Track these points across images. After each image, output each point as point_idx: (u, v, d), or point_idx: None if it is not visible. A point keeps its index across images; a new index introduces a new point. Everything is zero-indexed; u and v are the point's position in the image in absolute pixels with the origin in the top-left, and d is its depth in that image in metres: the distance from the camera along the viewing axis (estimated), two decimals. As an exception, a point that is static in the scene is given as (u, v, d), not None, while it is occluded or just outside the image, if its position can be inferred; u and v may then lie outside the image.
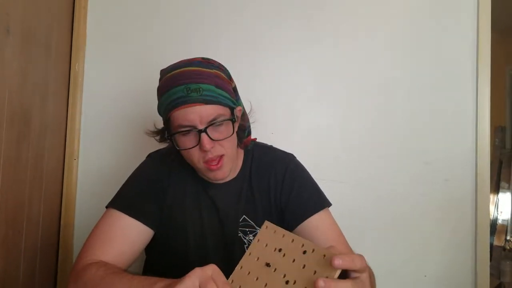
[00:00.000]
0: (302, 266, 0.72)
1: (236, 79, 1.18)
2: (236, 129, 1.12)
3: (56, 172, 1.74)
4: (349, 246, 1.12)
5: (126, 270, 1.00)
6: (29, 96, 1.45)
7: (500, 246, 3.13)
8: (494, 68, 1.84)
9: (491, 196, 3.26)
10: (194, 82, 1.02)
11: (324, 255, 0.71)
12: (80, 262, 1.01)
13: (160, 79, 1.10)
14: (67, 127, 1.80)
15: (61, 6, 1.72)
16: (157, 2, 1.87)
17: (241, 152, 1.24)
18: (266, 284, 0.75)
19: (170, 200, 1.18)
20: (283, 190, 1.19)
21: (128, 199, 1.13)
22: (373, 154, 1.83)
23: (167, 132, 1.10)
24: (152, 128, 1.17)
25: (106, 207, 1.13)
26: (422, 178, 1.82)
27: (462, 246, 1.81)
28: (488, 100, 1.82)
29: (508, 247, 3.11)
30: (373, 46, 1.84)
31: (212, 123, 1.03)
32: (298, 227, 1.14)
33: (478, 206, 1.81)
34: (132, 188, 1.17)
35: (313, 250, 0.73)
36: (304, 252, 0.74)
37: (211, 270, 0.73)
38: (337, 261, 0.67)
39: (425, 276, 1.80)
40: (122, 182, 1.20)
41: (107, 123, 1.84)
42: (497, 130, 3.50)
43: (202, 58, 1.09)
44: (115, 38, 1.86)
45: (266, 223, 0.84)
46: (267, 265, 0.76)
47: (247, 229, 1.17)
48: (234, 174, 1.21)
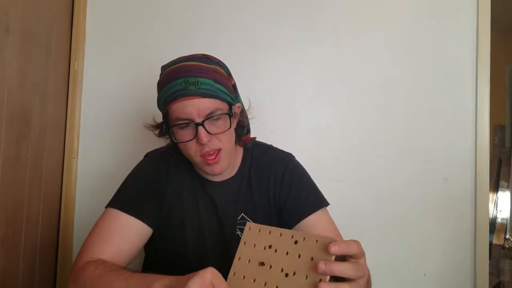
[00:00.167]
0: (297, 256, 0.72)
1: (236, 79, 1.18)
2: (234, 124, 1.13)
3: (56, 171, 1.74)
4: None
5: (125, 268, 1.00)
6: (29, 95, 1.45)
7: (500, 245, 3.13)
8: (493, 67, 1.84)
9: (491, 195, 3.26)
10: (192, 76, 1.03)
11: (316, 241, 0.71)
12: (79, 261, 1.01)
13: (160, 74, 1.11)
14: (67, 126, 1.80)
15: (60, 6, 1.72)
16: (157, 2, 1.87)
17: (240, 150, 1.25)
18: (265, 283, 0.75)
19: (169, 199, 1.18)
20: (282, 190, 1.20)
21: (127, 198, 1.14)
22: (373, 154, 1.83)
23: (165, 125, 1.11)
24: (151, 124, 1.18)
25: (106, 207, 1.13)
26: (422, 177, 1.82)
27: (462, 244, 1.81)
28: (488, 99, 1.82)
29: (507, 246, 3.11)
30: (373, 46, 1.84)
31: (209, 116, 1.04)
32: (296, 226, 1.15)
33: (478, 205, 1.81)
34: (131, 188, 1.17)
35: (304, 238, 0.73)
36: (295, 242, 0.74)
37: (210, 274, 0.72)
38: (333, 248, 0.68)
39: (424, 274, 1.81)
40: (122, 181, 1.21)
41: (107, 122, 1.84)
42: (497, 128, 3.50)
43: (202, 54, 1.10)
44: (115, 37, 1.86)
45: (249, 225, 0.84)
46: (261, 264, 0.76)
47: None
48: (233, 172, 1.22)
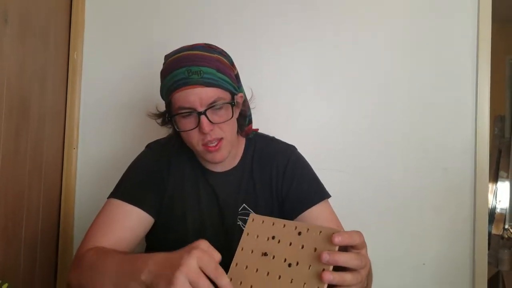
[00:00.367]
0: (300, 247, 0.72)
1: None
2: (236, 114, 1.13)
3: (55, 162, 1.73)
4: None
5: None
6: (28, 86, 1.44)
7: (498, 235, 3.15)
8: (494, 57, 1.83)
9: (490, 185, 3.27)
10: (195, 65, 1.03)
11: (320, 232, 0.71)
12: (81, 250, 1.03)
13: (163, 63, 1.12)
14: (66, 117, 1.79)
15: (58, -5, 1.70)
16: (156, -10, 1.85)
17: (242, 140, 1.25)
18: (268, 273, 0.75)
19: (171, 189, 1.19)
20: (284, 182, 1.20)
21: (128, 188, 1.14)
22: (373, 144, 1.83)
23: (168, 114, 1.11)
24: (154, 113, 1.19)
25: (107, 198, 1.14)
26: (421, 167, 1.83)
27: (461, 234, 1.82)
28: (488, 89, 1.82)
29: (506, 236, 3.13)
30: (374, 39, 1.84)
31: (211, 105, 1.04)
32: (298, 217, 1.15)
33: (477, 195, 1.82)
34: (132, 178, 1.18)
35: (307, 229, 0.73)
36: (299, 234, 0.74)
37: (196, 260, 0.71)
38: (337, 238, 0.68)
39: (423, 264, 1.81)
40: (122, 171, 1.21)
41: (107, 113, 1.83)
42: (497, 119, 3.51)
43: (205, 44, 1.10)
44: (114, 26, 1.85)
45: (252, 216, 0.84)
46: (264, 254, 0.76)
47: (246, 218, 1.17)
48: (234, 162, 1.22)
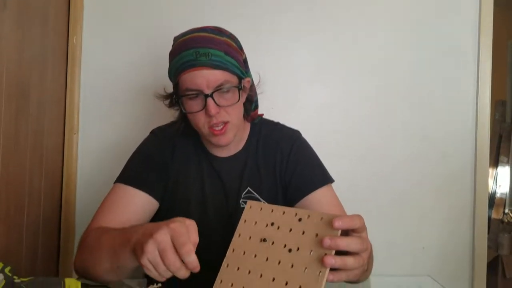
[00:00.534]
0: (301, 233, 0.73)
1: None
2: (243, 99, 1.14)
3: (56, 147, 1.73)
4: None
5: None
6: (27, 71, 1.43)
7: (498, 219, 3.16)
8: (495, 42, 1.83)
9: (490, 170, 3.27)
10: (203, 47, 1.03)
11: (321, 218, 0.71)
12: (86, 231, 1.05)
13: (172, 45, 1.12)
14: (66, 101, 1.78)
15: (57, -21, 1.68)
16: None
17: (247, 125, 1.25)
18: (267, 259, 0.75)
19: (175, 174, 1.19)
20: (288, 166, 1.20)
21: (133, 173, 1.16)
22: (373, 129, 1.83)
23: (175, 95, 1.12)
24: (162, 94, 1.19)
25: (114, 184, 1.15)
26: (422, 152, 1.83)
27: (461, 219, 1.83)
28: (489, 74, 1.82)
29: (506, 220, 3.14)
30: (374, 23, 1.84)
31: (218, 88, 1.05)
32: (300, 201, 1.16)
33: (477, 180, 1.83)
34: (137, 164, 1.19)
35: (308, 216, 0.74)
36: (299, 220, 0.74)
37: (169, 234, 0.72)
38: (337, 223, 0.68)
39: (423, 248, 1.83)
40: (124, 156, 1.21)
41: (107, 97, 1.82)
42: (498, 104, 3.49)
43: (214, 27, 1.10)
44: (114, 10, 1.83)
45: (250, 203, 0.84)
46: (263, 240, 0.76)
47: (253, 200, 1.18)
48: (239, 147, 1.23)
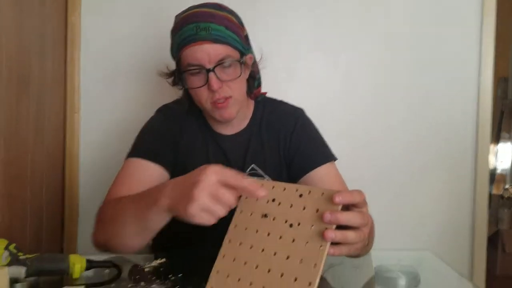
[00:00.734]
0: (302, 208, 0.73)
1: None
2: (245, 74, 1.14)
3: (58, 127, 1.73)
4: None
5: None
6: (26, 50, 1.42)
7: (499, 195, 3.19)
8: (499, 18, 1.81)
9: (492, 146, 3.28)
10: (204, 21, 1.04)
11: (322, 193, 0.72)
12: (102, 206, 1.05)
13: (174, 23, 1.12)
14: (67, 80, 1.77)
15: (54, -45, 1.66)
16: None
17: (251, 103, 1.26)
18: (268, 234, 0.76)
19: (183, 151, 1.20)
20: (291, 143, 1.21)
21: (144, 146, 1.17)
22: (374, 106, 1.83)
23: (178, 72, 1.12)
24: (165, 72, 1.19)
25: (125, 160, 1.16)
26: (423, 129, 1.83)
27: (462, 194, 1.84)
28: (492, 50, 1.81)
29: (506, 196, 3.16)
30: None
31: (220, 63, 1.05)
32: (303, 178, 1.17)
33: (478, 156, 1.83)
34: (147, 138, 1.19)
35: (309, 191, 0.74)
36: (300, 196, 0.75)
37: (215, 175, 0.72)
38: (338, 198, 0.69)
39: (423, 223, 1.84)
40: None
41: (108, 75, 1.81)
42: (500, 81, 3.48)
43: (214, 3, 1.10)
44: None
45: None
46: (264, 216, 0.77)
47: (255, 178, 1.19)
48: (243, 124, 1.23)
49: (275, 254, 0.73)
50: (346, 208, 0.72)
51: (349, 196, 0.70)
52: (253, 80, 1.21)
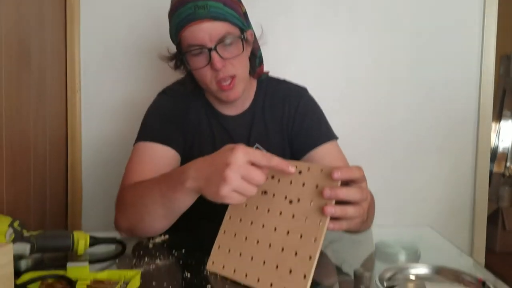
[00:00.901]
0: (301, 185, 0.74)
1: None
2: (247, 51, 1.13)
3: (59, 106, 1.73)
4: None
5: None
6: (26, 30, 1.41)
7: (500, 173, 3.19)
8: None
9: (493, 124, 3.27)
10: (201, 0, 1.01)
11: (321, 170, 0.72)
12: (121, 192, 1.05)
13: (170, 5, 1.10)
14: (67, 59, 1.77)
15: None
16: None
17: (254, 82, 1.25)
18: (268, 210, 0.77)
19: (190, 133, 1.20)
20: (295, 121, 1.21)
21: (153, 130, 1.16)
22: (376, 82, 1.82)
23: (179, 54, 1.11)
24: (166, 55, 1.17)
25: (134, 144, 1.15)
26: (425, 106, 1.83)
27: (463, 172, 1.85)
28: (495, 28, 1.80)
29: (507, 174, 3.17)
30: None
31: (221, 41, 1.04)
32: (306, 156, 1.18)
33: (480, 134, 1.83)
34: (154, 121, 1.19)
35: (308, 168, 0.75)
36: (300, 172, 0.75)
37: (242, 153, 0.73)
38: (336, 174, 0.70)
39: (424, 200, 1.85)
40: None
41: (108, 54, 1.80)
42: (503, 58, 3.45)
43: None
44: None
45: None
46: (264, 193, 0.78)
47: None
48: (246, 104, 1.23)
49: (275, 229, 0.74)
50: (346, 184, 0.73)
51: (347, 172, 0.71)
52: (254, 58, 1.20)
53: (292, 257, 0.70)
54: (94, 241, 0.92)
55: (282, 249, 0.72)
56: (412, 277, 0.74)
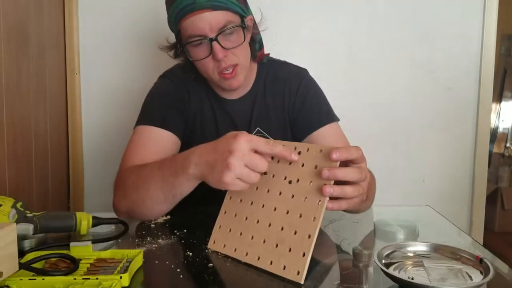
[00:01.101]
0: (301, 165, 0.75)
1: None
2: (248, 38, 1.11)
3: (59, 87, 1.73)
4: None
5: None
6: (24, 12, 1.40)
7: (500, 153, 3.20)
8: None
9: (494, 105, 3.27)
10: None
11: (320, 150, 0.73)
12: (120, 173, 1.05)
13: None
14: (66, 41, 1.76)
15: None
16: None
17: (254, 66, 1.24)
18: (268, 190, 0.78)
19: (192, 117, 1.20)
20: (296, 102, 1.21)
21: (153, 113, 1.15)
22: (377, 63, 1.81)
23: (179, 44, 1.09)
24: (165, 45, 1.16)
25: (134, 128, 1.15)
26: (426, 86, 1.83)
27: (462, 152, 1.86)
28: (496, 7, 1.78)
29: (507, 154, 3.18)
30: None
31: (222, 30, 1.02)
32: (307, 137, 1.18)
33: (480, 114, 1.83)
34: (155, 104, 1.18)
35: (307, 149, 0.75)
36: (299, 153, 0.76)
37: (245, 141, 0.74)
38: (335, 154, 0.70)
39: (423, 180, 1.86)
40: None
41: (106, 35, 1.79)
42: (504, 38, 3.42)
43: None
44: None
45: None
46: (264, 173, 0.78)
47: None
48: (247, 88, 1.23)
49: (275, 209, 0.75)
50: (345, 164, 0.74)
51: (346, 152, 0.71)
52: (254, 43, 1.18)
53: (291, 236, 0.71)
54: (96, 222, 0.93)
55: (282, 228, 0.73)
56: (411, 255, 0.75)
